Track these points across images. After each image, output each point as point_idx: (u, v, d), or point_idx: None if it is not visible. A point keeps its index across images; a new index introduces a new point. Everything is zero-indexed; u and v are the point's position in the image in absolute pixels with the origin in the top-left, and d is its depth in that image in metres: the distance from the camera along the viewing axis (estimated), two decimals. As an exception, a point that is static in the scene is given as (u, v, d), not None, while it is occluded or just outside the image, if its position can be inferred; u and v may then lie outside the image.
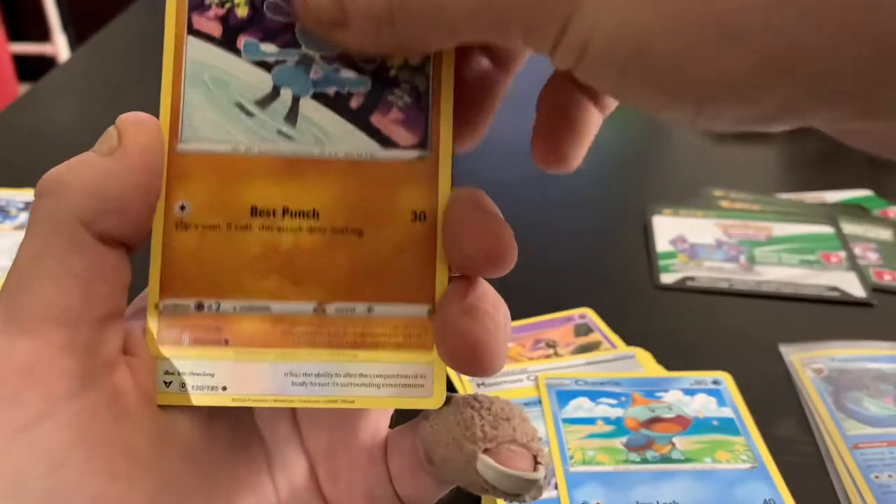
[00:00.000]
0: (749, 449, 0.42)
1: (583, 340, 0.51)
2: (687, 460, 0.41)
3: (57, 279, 0.19)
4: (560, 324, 0.52)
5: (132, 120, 0.20)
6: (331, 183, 0.21)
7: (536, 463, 0.21)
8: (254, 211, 0.21)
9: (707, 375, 0.46)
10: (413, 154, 0.22)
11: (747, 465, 0.40)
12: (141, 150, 0.20)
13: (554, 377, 0.46)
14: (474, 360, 0.20)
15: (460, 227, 0.21)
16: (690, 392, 0.45)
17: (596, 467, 0.40)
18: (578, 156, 0.23)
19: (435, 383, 0.21)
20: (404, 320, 0.21)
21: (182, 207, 0.21)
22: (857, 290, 0.56)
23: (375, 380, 0.21)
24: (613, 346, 0.50)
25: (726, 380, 0.46)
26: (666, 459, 0.41)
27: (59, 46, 2.13)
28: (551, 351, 0.50)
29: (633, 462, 0.41)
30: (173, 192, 0.21)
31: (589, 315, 0.53)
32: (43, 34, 2.13)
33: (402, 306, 0.21)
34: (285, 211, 0.21)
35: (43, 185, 0.20)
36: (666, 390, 0.45)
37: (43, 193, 0.19)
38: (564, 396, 0.45)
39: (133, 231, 0.20)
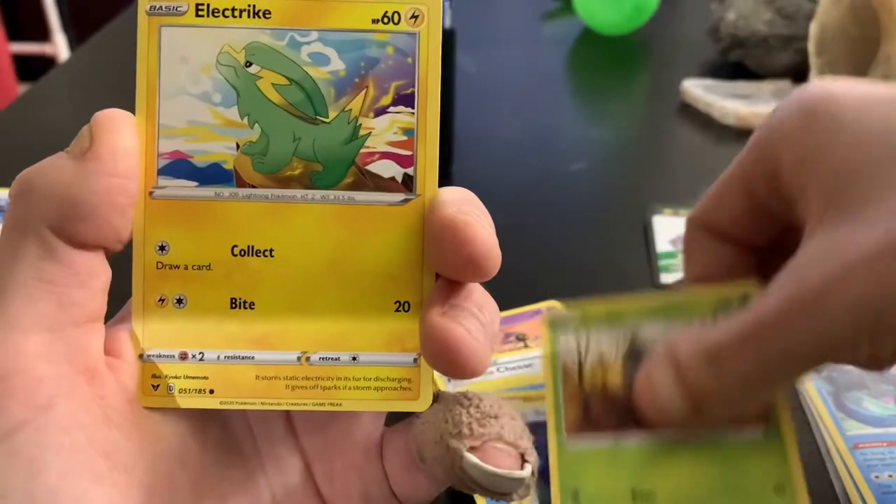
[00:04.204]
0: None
1: None
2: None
3: (30, 287, 0.19)
4: (528, 317, 0.53)
5: (105, 120, 0.20)
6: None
7: (524, 461, 0.21)
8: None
9: None
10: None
11: None
12: (111, 153, 0.19)
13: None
14: (453, 361, 0.20)
15: (441, 232, 0.20)
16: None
17: None
18: None
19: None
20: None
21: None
22: (857, 290, 0.56)
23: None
24: None
25: None
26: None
27: (59, 46, 2.12)
28: (521, 344, 0.51)
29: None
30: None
31: (556, 307, 0.53)
32: (43, 34, 2.13)
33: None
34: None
35: (15, 186, 0.19)
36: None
37: (14, 196, 0.19)
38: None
39: (104, 235, 0.20)
